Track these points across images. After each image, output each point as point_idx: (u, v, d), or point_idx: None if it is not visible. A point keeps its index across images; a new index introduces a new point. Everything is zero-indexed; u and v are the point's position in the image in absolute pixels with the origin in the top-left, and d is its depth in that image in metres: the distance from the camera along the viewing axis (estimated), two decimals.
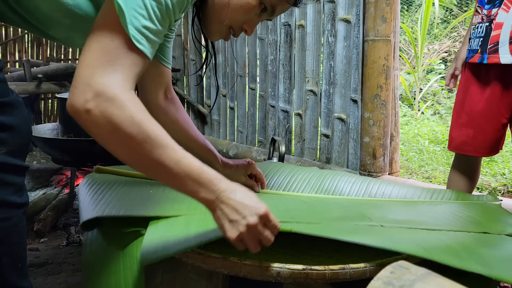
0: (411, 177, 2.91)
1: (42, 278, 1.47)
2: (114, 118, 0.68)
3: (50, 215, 1.91)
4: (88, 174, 2.34)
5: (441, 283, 0.50)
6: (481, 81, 1.53)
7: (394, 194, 1.35)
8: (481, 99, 1.52)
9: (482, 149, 1.56)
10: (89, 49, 0.71)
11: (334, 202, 1.21)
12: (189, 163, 0.73)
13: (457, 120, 1.61)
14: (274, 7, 0.91)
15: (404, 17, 6.34)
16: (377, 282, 0.52)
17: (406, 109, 4.92)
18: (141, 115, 0.70)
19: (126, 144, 0.70)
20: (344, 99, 2.31)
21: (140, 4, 0.70)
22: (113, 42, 0.71)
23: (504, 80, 1.48)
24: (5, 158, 0.84)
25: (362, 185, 1.35)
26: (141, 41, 0.72)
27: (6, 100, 0.84)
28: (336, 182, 1.34)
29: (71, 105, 0.69)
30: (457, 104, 1.62)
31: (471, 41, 1.54)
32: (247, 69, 2.99)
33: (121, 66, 0.71)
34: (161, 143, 0.71)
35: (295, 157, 2.63)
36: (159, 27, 0.74)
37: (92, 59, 0.70)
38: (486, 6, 1.46)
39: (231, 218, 0.73)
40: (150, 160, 0.70)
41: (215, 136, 3.35)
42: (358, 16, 2.19)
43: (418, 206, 1.25)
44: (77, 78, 0.70)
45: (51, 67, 3.26)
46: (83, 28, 0.90)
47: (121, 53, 0.71)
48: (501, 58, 1.41)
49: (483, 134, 1.53)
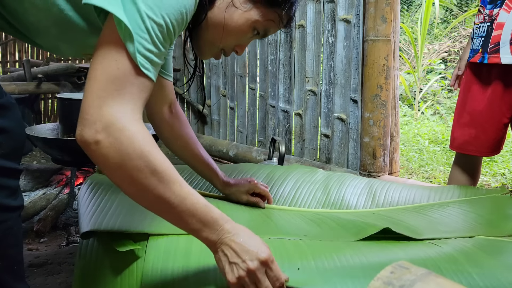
0: (411, 177, 2.91)
1: (42, 278, 1.47)
2: (123, 150, 0.67)
3: (50, 215, 1.91)
4: (88, 174, 2.34)
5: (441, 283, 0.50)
6: (483, 81, 1.53)
7: (402, 199, 1.33)
8: (483, 98, 1.52)
9: (484, 149, 1.56)
10: (95, 78, 0.69)
11: (344, 218, 1.18)
12: (195, 201, 0.72)
13: (459, 120, 1.61)
14: (267, 31, 0.94)
15: (404, 17, 6.34)
16: (377, 282, 0.52)
17: (406, 109, 4.92)
18: (149, 147, 0.69)
19: (133, 177, 0.68)
20: (344, 99, 2.31)
21: (143, 28, 0.69)
22: (119, 70, 0.69)
23: (505, 79, 1.48)
24: None
25: (368, 196, 1.32)
26: (146, 66, 0.71)
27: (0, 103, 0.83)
28: (342, 194, 1.32)
29: (81, 136, 0.68)
30: (459, 104, 1.62)
31: (473, 41, 1.54)
32: (247, 69, 2.99)
33: (130, 95, 0.70)
34: (168, 178, 0.70)
35: (295, 157, 2.63)
36: (162, 50, 0.73)
37: (99, 89, 0.69)
38: (488, 6, 1.46)
39: (231, 260, 0.72)
40: (155, 194, 0.69)
41: (215, 136, 3.35)
42: (358, 16, 2.19)
43: (428, 211, 1.24)
44: (85, 109, 0.68)
45: (51, 67, 3.26)
46: (70, 38, 0.89)
47: (128, 81, 0.70)
48: (502, 58, 1.41)
49: (485, 133, 1.54)
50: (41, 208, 2.04)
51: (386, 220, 1.14)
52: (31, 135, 1.97)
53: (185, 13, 0.75)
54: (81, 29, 0.85)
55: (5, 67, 4.82)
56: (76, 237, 1.83)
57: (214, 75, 3.27)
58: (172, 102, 1.17)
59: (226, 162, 3.20)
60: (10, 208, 0.86)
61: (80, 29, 0.85)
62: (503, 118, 1.52)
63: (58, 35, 0.88)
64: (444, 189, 1.40)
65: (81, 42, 0.91)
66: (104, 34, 0.72)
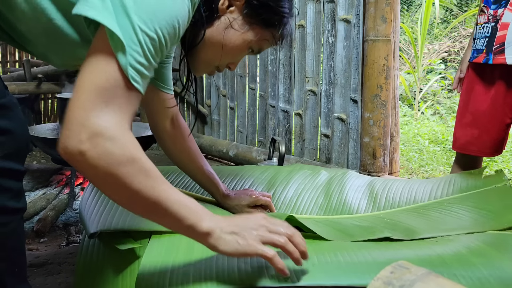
0: (411, 177, 2.91)
1: (42, 278, 1.47)
2: (115, 159, 0.66)
3: (50, 215, 1.91)
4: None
5: (441, 283, 0.50)
6: (486, 81, 1.52)
7: (403, 199, 1.33)
8: (486, 99, 1.52)
9: (486, 149, 1.56)
10: (82, 88, 0.67)
11: (344, 224, 1.17)
12: (187, 198, 0.73)
13: (461, 120, 1.60)
14: (261, 49, 0.98)
15: (404, 17, 6.34)
16: (377, 282, 0.52)
17: (406, 109, 4.92)
18: (141, 153, 0.69)
19: (126, 184, 0.67)
20: (344, 99, 2.31)
21: (135, 41, 0.67)
22: (108, 82, 0.67)
23: (508, 80, 1.47)
24: (2, 162, 0.81)
25: (370, 199, 1.32)
26: (136, 79, 0.69)
27: (2, 102, 0.82)
28: (344, 198, 1.32)
29: (64, 148, 0.67)
30: (462, 104, 1.61)
31: (475, 41, 1.53)
32: (247, 69, 2.99)
33: (118, 106, 0.68)
34: (161, 181, 0.70)
35: (295, 157, 2.63)
36: (153, 63, 0.72)
37: (86, 101, 0.66)
38: (492, 6, 1.45)
39: (239, 234, 0.72)
40: (150, 197, 0.69)
41: (215, 136, 3.35)
42: (358, 16, 2.19)
43: (430, 211, 1.24)
44: (70, 119, 0.66)
45: (51, 67, 3.26)
46: (59, 49, 0.88)
47: (117, 93, 0.68)
48: (507, 58, 1.40)
49: (488, 134, 1.53)
50: (41, 208, 2.04)
51: (387, 223, 1.14)
52: (31, 135, 1.97)
53: (177, 27, 0.73)
54: (71, 39, 0.84)
55: (5, 67, 4.82)
56: (76, 237, 1.83)
57: (214, 75, 3.26)
58: (174, 115, 1.17)
59: (226, 162, 3.20)
60: (13, 211, 0.85)
61: (69, 40, 0.84)
62: (505, 119, 1.52)
63: (47, 45, 0.88)
64: (445, 182, 1.39)
65: (70, 54, 0.90)
66: (94, 44, 0.70)
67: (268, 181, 1.40)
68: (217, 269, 0.78)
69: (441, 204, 1.28)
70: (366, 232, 1.01)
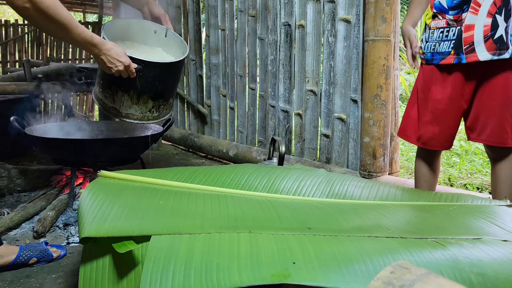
0: (411, 177, 2.91)
1: (42, 278, 1.48)
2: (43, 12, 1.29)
3: (50, 215, 1.91)
4: (88, 174, 2.34)
5: (441, 283, 0.50)
6: (442, 80, 1.59)
7: (405, 197, 1.34)
8: (443, 97, 1.60)
9: (447, 143, 1.66)
10: None
11: (347, 207, 1.18)
12: (88, 34, 1.46)
13: (422, 118, 1.68)
14: None
15: (404, 17, 6.33)
16: (377, 282, 0.52)
17: None
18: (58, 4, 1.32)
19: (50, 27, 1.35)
20: (344, 99, 2.31)
21: None
22: None
23: (466, 73, 1.54)
24: None
25: (372, 189, 1.35)
26: None
27: None
28: (346, 187, 1.35)
29: (11, 2, 1.20)
30: (421, 102, 1.68)
31: (434, 45, 1.59)
32: (247, 69, 2.99)
33: None
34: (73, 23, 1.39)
35: (295, 157, 2.63)
36: None
37: None
38: (450, 12, 1.53)
39: (108, 65, 1.54)
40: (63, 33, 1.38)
41: (215, 136, 3.35)
42: (358, 16, 2.19)
43: (431, 209, 1.24)
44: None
45: (51, 67, 3.26)
46: None
47: None
48: (479, 55, 1.48)
49: (449, 129, 1.63)
50: (41, 208, 2.04)
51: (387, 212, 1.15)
52: (31, 135, 1.97)
53: None
54: None
55: (5, 67, 4.82)
56: (76, 237, 1.83)
57: (214, 75, 3.27)
58: None
59: (226, 162, 3.20)
60: None
61: None
62: (463, 105, 1.60)
63: None
64: (449, 196, 1.40)
65: None
66: None
67: (267, 175, 1.40)
68: (217, 269, 0.78)
69: (442, 207, 1.29)
70: None
